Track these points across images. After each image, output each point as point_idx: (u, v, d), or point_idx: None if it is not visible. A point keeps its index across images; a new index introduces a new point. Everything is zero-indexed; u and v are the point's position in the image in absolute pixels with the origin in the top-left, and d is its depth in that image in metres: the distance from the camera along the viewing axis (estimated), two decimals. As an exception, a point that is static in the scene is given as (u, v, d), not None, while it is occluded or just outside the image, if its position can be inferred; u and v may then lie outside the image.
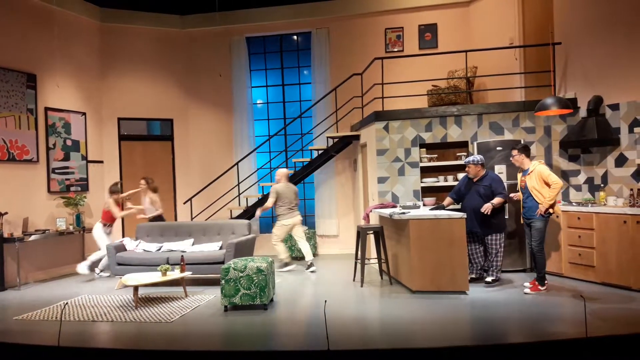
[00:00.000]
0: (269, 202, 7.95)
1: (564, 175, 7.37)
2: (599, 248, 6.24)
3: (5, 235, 7.36)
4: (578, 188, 7.32)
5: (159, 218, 8.34)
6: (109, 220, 8.11)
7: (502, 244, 6.54)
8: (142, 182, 8.34)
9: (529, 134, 7.48)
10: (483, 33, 9.22)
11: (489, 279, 6.50)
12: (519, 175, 6.34)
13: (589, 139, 6.77)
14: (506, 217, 7.13)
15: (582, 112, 7.17)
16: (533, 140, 7.46)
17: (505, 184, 6.61)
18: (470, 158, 6.52)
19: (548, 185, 5.93)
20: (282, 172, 8.25)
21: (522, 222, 6.41)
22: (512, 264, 7.18)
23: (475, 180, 6.54)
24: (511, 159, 6.31)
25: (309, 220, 10.24)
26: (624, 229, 5.92)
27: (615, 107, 6.75)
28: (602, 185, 6.93)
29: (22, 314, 5.84)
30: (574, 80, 7.40)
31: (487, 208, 6.25)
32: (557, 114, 7.03)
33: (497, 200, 6.33)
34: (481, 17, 9.33)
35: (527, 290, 6.02)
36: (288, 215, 7.98)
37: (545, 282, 6.05)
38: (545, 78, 7.75)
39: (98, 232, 8.03)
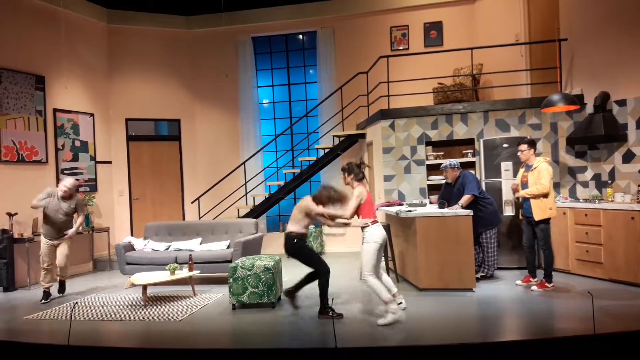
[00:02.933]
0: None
1: (571, 172, 7.35)
2: (606, 244, 6.21)
3: (16, 235, 7.44)
4: (585, 184, 7.29)
5: None
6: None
7: (494, 240, 6.56)
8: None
9: (536, 131, 7.45)
10: (488, 30, 9.19)
11: (477, 275, 6.48)
12: (521, 170, 6.29)
13: (596, 135, 6.74)
14: (512, 214, 7.13)
15: (589, 109, 7.14)
16: (539, 137, 7.43)
17: (479, 182, 6.64)
18: (447, 162, 6.63)
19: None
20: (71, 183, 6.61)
21: (520, 217, 6.41)
22: (519, 260, 7.14)
23: (452, 184, 6.64)
24: (519, 153, 6.21)
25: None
26: (631, 225, 5.89)
27: (622, 103, 6.72)
28: (609, 181, 6.90)
29: (33, 313, 5.91)
30: (581, 76, 7.37)
31: (454, 208, 6.29)
32: (563, 110, 7.01)
33: (463, 199, 6.35)
34: (486, 14, 9.30)
35: (534, 288, 6.01)
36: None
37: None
38: (552, 74, 7.71)
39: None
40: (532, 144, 6.15)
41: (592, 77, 7.15)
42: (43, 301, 6.48)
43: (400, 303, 5.23)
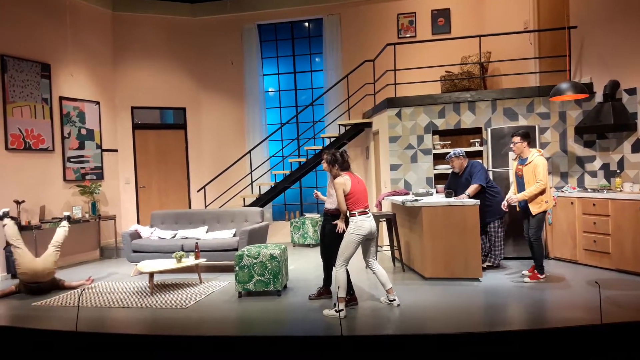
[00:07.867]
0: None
1: (579, 161, 7.29)
2: (614, 235, 6.17)
3: (23, 223, 7.47)
4: (593, 174, 7.23)
5: None
6: None
7: (501, 230, 6.54)
8: None
9: (544, 120, 7.38)
10: (497, 17, 9.08)
11: (484, 264, 6.46)
12: (515, 162, 6.12)
13: (605, 124, 6.67)
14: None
15: (598, 97, 7.06)
16: (548, 126, 7.36)
17: (487, 172, 6.62)
18: (452, 152, 6.59)
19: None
20: None
21: (517, 209, 6.14)
22: (526, 250, 7.09)
23: (460, 173, 6.60)
24: (512, 145, 6.01)
25: (321, 208, 10.24)
26: (640, 215, 5.85)
27: (632, 91, 6.63)
28: (618, 171, 6.84)
29: (41, 300, 5.95)
30: (590, 64, 7.28)
31: (460, 198, 6.24)
32: (572, 99, 6.94)
33: (470, 189, 6.32)
34: (495, 0, 9.18)
35: (527, 279, 5.93)
36: None
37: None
38: (561, 63, 7.62)
39: None
40: (526, 136, 5.92)
41: (601, 66, 7.06)
42: None
43: (394, 300, 5.14)
